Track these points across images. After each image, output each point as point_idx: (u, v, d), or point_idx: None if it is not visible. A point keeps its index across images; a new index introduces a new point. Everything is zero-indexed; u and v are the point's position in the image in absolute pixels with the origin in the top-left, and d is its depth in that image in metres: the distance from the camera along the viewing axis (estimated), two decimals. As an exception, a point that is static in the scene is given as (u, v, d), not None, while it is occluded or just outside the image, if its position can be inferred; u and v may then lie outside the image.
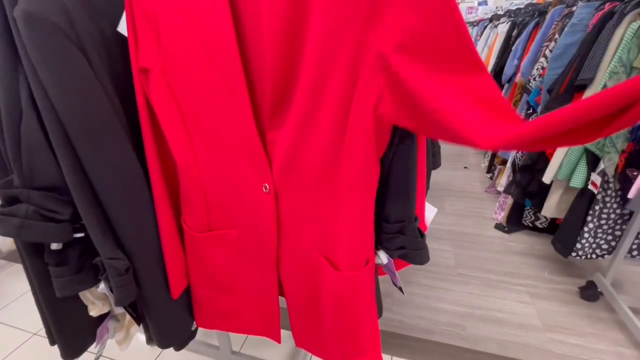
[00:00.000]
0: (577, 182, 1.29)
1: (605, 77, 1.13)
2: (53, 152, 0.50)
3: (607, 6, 1.26)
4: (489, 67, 2.52)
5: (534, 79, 1.66)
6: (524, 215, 1.90)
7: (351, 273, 0.55)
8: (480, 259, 1.74)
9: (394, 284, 0.69)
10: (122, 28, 0.57)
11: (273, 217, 0.56)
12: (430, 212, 0.87)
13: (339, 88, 0.43)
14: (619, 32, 1.14)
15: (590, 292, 1.42)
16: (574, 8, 1.53)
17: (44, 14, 0.44)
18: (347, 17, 0.39)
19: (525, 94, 1.78)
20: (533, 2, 2.27)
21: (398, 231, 0.59)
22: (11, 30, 0.45)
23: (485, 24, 3.31)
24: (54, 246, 0.56)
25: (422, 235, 0.61)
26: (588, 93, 1.25)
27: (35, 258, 0.58)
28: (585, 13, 1.37)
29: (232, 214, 0.60)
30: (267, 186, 0.54)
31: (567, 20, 1.50)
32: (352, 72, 0.42)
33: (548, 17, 1.70)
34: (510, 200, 1.90)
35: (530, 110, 1.74)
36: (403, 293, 0.71)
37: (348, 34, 0.40)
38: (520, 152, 1.79)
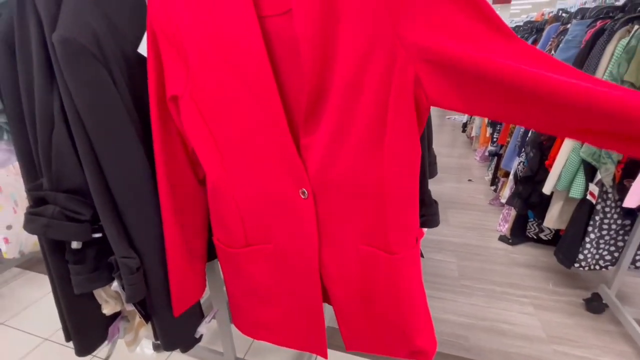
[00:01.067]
0: (576, 192, 1.31)
1: (597, 90, 1.17)
2: (78, 158, 0.56)
3: (599, 23, 1.31)
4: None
5: (532, 93, 1.69)
6: (528, 227, 1.90)
7: (407, 253, 0.56)
8: (484, 270, 1.74)
9: None
10: (142, 49, 0.64)
11: (313, 223, 0.56)
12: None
13: (375, 83, 0.45)
14: (609, 48, 1.18)
15: (595, 304, 1.41)
16: (569, 25, 1.58)
17: (77, 38, 0.51)
18: (375, 17, 0.43)
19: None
20: (532, 20, 2.34)
21: (420, 201, 0.63)
22: (49, 52, 0.52)
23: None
24: (74, 245, 0.62)
25: (435, 202, 0.69)
26: (583, 106, 1.28)
27: (57, 255, 0.63)
28: (579, 30, 1.42)
29: (269, 227, 0.60)
30: (305, 191, 0.53)
31: (563, 37, 1.56)
32: (387, 65, 0.44)
33: (544, 34, 1.76)
34: (513, 212, 1.91)
35: (530, 123, 1.77)
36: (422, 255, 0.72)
37: (378, 31, 0.43)
38: (521, 165, 1.81)
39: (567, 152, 1.33)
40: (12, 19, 0.54)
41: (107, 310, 0.73)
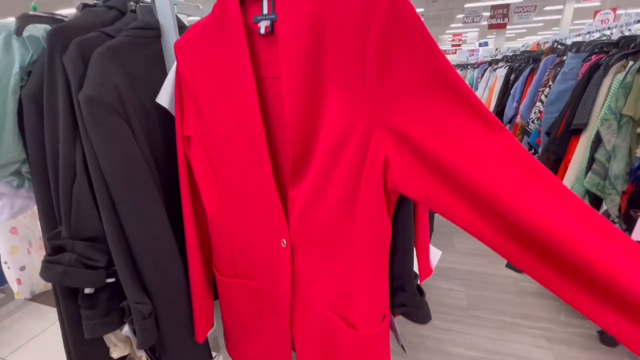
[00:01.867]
0: (583, 222, 1.31)
1: (597, 123, 1.20)
2: (97, 207, 0.58)
3: (594, 58, 1.36)
4: (491, 108, 2.63)
5: (533, 122, 1.73)
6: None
7: (368, 331, 0.55)
8: (493, 299, 1.71)
9: (397, 341, 0.69)
10: (161, 99, 0.68)
11: (288, 273, 0.58)
12: (434, 255, 0.90)
13: (351, 155, 0.48)
14: (606, 82, 1.22)
15: (609, 337, 1.37)
16: (565, 57, 1.64)
17: (102, 96, 0.54)
18: (358, 94, 0.45)
19: (525, 136, 1.85)
20: (527, 49, 2.42)
21: (398, 287, 0.61)
22: (74, 110, 0.55)
23: (485, 67, 3.49)
24: (87, 290, 0.63)
25: (421, 293, 0.63)
26: (583, 136, 1.31)
27: (69, 300, 0.64)
28: (575, 63, 1.47)
29: (253, 266, 0.63)
30: (285, 241, 0.57)
31: (559, 68, 1.61)
32: (363, 140, 0.47)
33: (541, 64, 1.82)
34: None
35: (532, 151, 1.80)
36: (405, 351, 0.72)
37: (360, 108, 0.46)
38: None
39: (570, 182, 1.34)
40: (42, 78, 0.58)
41: (116, 354, 0.72)
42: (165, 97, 0.68)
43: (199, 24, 0.60)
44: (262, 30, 0.52)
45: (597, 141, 1.19)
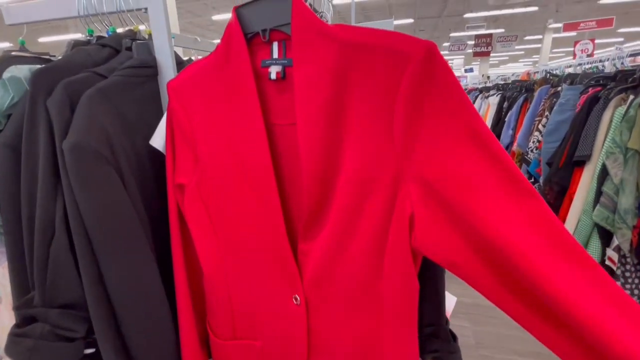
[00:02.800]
0: (592, 257, 1.27)
1: (602, 155, 1.19)
2: (77, 270, 0.50)
3: (591, 90, 1.37)
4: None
5: (532, 151, 1.73)
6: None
7: None
8: (502, 336, 1.63)
9: None
10: (155, 142, 0.62)
11: (304, 331, 0.53)
12: (450, 301, 0.84)
13: (376, 212, 0.44)
14: (606, 114, 1.23)
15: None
16: (559, 88, 1.67)
17: (88, 143, 0.48)
18: (383, 145, 0.42)
19: (524, 164, 1.85)
20: (518, 78, 2.48)
21: (431, 334, 0.57)
22: (56, 159, 0.49)
23: (476, 94, 3.58)
24: (62, 364, 0.54)
25: (454, 338, 0.60)
26: (587, 168, 1.30)
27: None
28: (571, 94, 1.49)
29: (258, 325, 0.58)
30: (298, 298, 0.52)
31: (555, 99, 1.63)
32: (389, 196, 0.43)
33: (536, 95, 1.85)
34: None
35: (532, 180, 1.79)
36: None
37: (384, 160, 0.42)
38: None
39: (577, 214, 1.31)
40: (22, 123, 0.52)
41: None
42: (159, 139, 0.62)
43: (198, 64, 0.56)
44: (273, 76, 0.49)
45: (604, 174, 1.17)
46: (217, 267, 0.57)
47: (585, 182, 1.29)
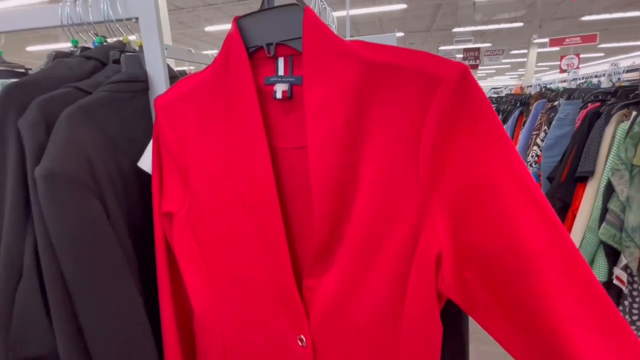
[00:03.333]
0: (598, 276, 1.23)
1: (607, 172, 1.17)
2: (49, 318, 0.43)
3: (590, 105, 1.37)
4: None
5: (531, 165, 1.72)
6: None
7: None
8: (507, 357, 1.57)
9: None
10: (143, 164, 0.56)
11: None
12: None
13: (397, 249, 0.40)
14: (608, 130, 1.22)
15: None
16: (556, 103, 1.67)
17: (66, 170, 0.42)
18: (404, 184, 0.38)
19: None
20: (511, 92, 2.50)
21: None
22: (27, 188, 0.42)
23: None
24: None
25: None
26: (590, 184, 1.28)
27: None
28: (570, 109, 1.49)
29: None
30: (304, 339, 0.47)
31: (552, 113, 1.63)
32: (412, 232, 0.39)
33: (532, 109, 1.85)
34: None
35: (531, 194, 1.77)
36: None
37: (407, 199, 0.38)
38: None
39: (581, 231, 1.29)
40: (-12, 145, 0.45)
41: None
42: (149, 161, 0.56)
43: (192, 79, 0.51)
44: (279, 95, 0.44)
45: (609, 191, 1.15)
46: (208, 306, 0.51)
47: (589, 199, 1.27)
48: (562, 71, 4.54)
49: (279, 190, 0.44)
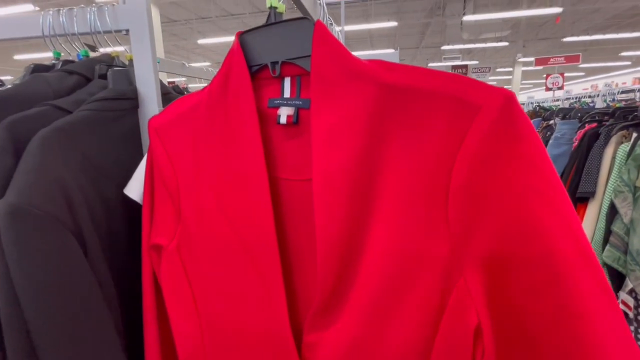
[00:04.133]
0: (603, 297, 1.21)
1: (609, 194, 1.16)
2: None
3: (587, 126, 1.37)
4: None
5: (528, 184, 1.71)
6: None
7: None
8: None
9: None
10: (130, 191, 0.50)
11: None
12: None
13: (417, 302, 0.34)
14: (608, 151, 1.21)
15: None
16: (551, 122, 1.68)
17: (35, 204, 0.35)
18: (431, 224, 0.32)
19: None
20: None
21: None
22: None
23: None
24: None
25: None
26: (592, 205, 1.26)
27: None
28: (567, 129, 1.49)
29: None
30: None
31: (548, 132, 1.63)
32: (438, 285, 0.33)
33: (527, 127, 1.86)
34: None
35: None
36: None
37: (434, 245, 0.32)
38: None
39: (584, 252, 1.26)
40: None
41: None
42: (137, 187, 0.50)
43: (189, 99, 0.46)
44: (283, 120, 0.39)
45: (612, 213, 1.13)
46: (195, 352, 0.45)
47: (591, 220, 1.25)
48: (548, 89, 4.67)
49: (278, 227, 0.39)
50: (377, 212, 0.34)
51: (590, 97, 1.59)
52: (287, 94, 0.40)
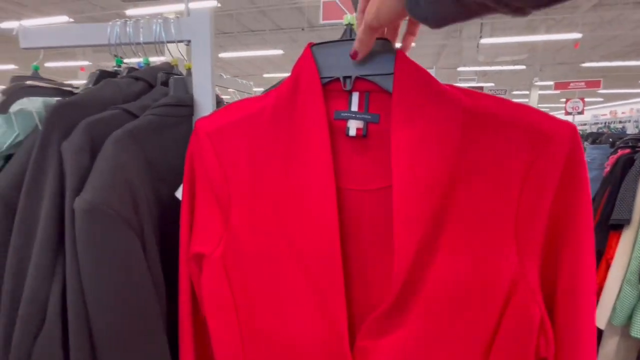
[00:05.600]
0: (638, 332, 1.14)
1: (647, 221, 1.12)
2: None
3: (620, 152, 1.34)
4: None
5: (555, 208, 1.68)
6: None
7: None
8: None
9: None
10: (180, 194, 0.51)
11: None
12: None
13: (483, 310, 0.36)
14: (644, 177, 1.17)
15: None
16: (579, 146, 1.65)
17: (111, 204, 0.36)
18: (502, 238, 0.35)
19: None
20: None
21: None
22: (63, 221, 0.37)
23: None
24: None
25: None
26: (626, 233, 1.22)
27: None
28: (597, 154, 1.47)
29: None
30: None
31: (577, 156, 1.61)
32: (503, 295, 0.35)
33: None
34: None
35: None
36: None
37: (504, 257, 0.35)
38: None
39: (617, 282, 1.21)
40: (23, 168, 0.40)
41: None
42: (189, 191, 0.51)
43: (244, 105, 0.46)
44: (352, 132, 0.39)
45: (650, 242, 1.09)
46: None
47: (625, 248, 1.21)
48: (567, 113, 4.61)
49: (341, 239, 0.39)
50: (450, 226, 0.36)
51: (620, 122, 1.56)
52: (354, 107, 0.41)
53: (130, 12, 4.98)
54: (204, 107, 0.57)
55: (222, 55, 7.85)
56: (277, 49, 7.14)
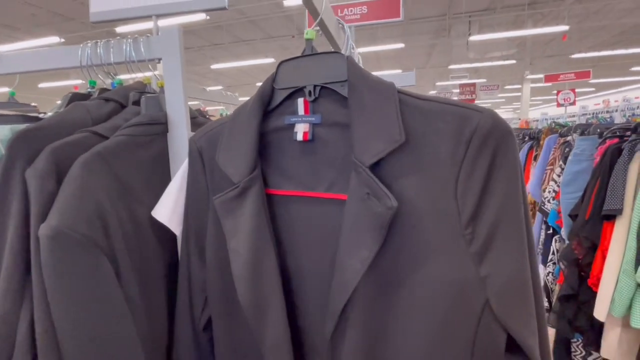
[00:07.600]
0: (638, 322, 1.13)
1: (637, 209, 1.11)
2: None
3: (608, 142, 1.34)
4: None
5: (549, 201, 1.66)
6: (572, 349, 1.64)
7: None
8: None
9: None
10: (158, 213, 0.50)
11: None
12: None
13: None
14: (633, 166, 1.17)
15: None
16: (569, 138, 1.65)
17: (76, 228, 0.36)
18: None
19: (539, 213, 1.77)
20: (517, 127, 2.52)
21: None
22: (29, 250, 0.36)
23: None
24: None
25: None
26: (619, 222, 1.21)
27: None
28: (586, 145, 1.46)
29: None
30: None
31: (567, 149, 1.60)
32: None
33: (545, 143, 1.83)
34: (552, 331, 1.67)
35: (550, 231, 1.70)
36: None
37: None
38: (550, 276, 1.66)
39: (614, 274, 1.20)
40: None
41: None
42: (165, 209, 0.51)
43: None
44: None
45: (643, 230, 1.08)
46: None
47: (620, 238, 1.20)
48: (559, 105, 4.63)
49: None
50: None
51: (608, 112, 1.57)
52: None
53: (120, 29, 5.01)
54: (178, 123, 0.56)
55: (215, 66, 7.89)
56: (269, 58, 7.18)
